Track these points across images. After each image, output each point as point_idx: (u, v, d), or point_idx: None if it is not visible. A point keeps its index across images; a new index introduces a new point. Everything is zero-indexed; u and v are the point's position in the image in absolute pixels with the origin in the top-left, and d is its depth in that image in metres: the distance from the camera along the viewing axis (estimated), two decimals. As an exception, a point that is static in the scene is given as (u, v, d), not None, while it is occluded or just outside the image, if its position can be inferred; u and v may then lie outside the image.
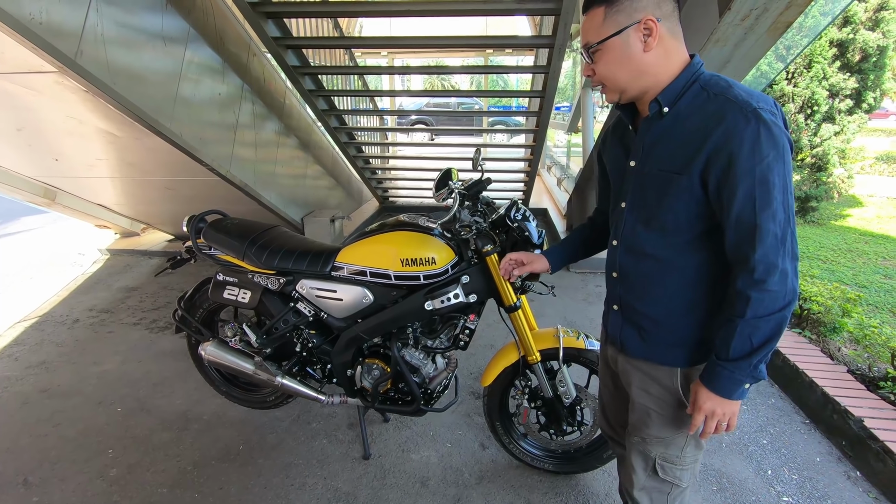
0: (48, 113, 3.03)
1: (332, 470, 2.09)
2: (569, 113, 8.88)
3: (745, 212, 0.96)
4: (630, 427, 1.31)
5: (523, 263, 1.51)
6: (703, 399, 1.07)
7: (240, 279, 2.05)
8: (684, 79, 1.04)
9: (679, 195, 1.04)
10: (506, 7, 3.46)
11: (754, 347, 1.00)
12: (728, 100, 0.98)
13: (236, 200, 4.02)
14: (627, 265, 1.20)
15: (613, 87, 1.09)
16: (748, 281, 0.98)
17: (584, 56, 1.10)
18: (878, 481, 2.01)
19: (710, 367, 1.07)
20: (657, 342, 1.19)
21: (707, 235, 1.07)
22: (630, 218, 1.17)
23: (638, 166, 1.13)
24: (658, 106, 1.06)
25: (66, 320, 3.54)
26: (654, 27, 0.99)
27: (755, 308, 0.98)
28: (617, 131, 1.24)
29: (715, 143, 0.97)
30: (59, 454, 2.19)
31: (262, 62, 3.98)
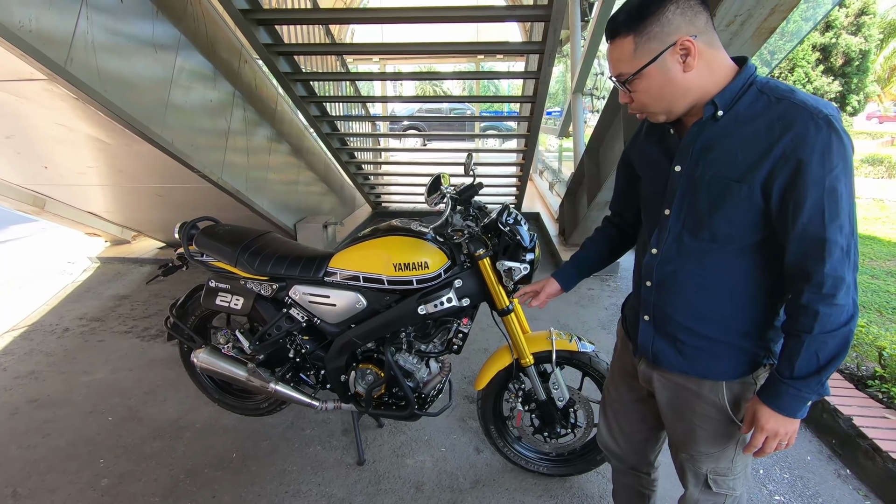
0: (37, 120, 3.01)
1: (326, 476, 2.09)
2: (560, 118, 8.94)
3: (812, 224, 0.91)
4: (674, 443, 1.26)
5: (536, 293, 1.50)
6: (765, 419, 1.01)
7: (232, 286, 2.04)
8: (741, 82, 0.98)
9: (737, 203, 0.98)
10: (496, 13, 3.51)
11: (822, 364, 0.95)
12: (796, 104, 0.92)
13: (228, 207, 4.01)
14: (667, 274, 1.12)
15: (657, 111, 1.03)
16: (815, 295, 0.93)
17: (618, 85, 1.04)
18: (868, 479, 2.04)
19: (772, 385, 1.01)
20: (696, 355, 1.12)
21: (759, 245, 1.02)
22: (675, 226, 1.09)
23: (686, 171, 1.05)
24: (714, 109, 0.99)
25: (56, 329, 3.50)
26: (692, 47, 0.93)
27: (823, 323, 0.93)
28: (653, 134, 1.16)
29: (783, 149, 0.91)
30: (48, 465, 2.16)
31: (253, 68, 3.99)
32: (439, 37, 4.05)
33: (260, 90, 4.11)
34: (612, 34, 1.00)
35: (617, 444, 1.46)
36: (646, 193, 1.20)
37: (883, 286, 4.33)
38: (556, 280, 1.50)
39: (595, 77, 8.69)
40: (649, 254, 1.15)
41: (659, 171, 1.12)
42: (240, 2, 3.10)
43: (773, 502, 1.96)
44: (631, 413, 1.39)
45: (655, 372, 1.21)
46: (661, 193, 1.11)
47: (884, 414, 2.25)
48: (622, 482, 1.56)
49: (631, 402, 1.37)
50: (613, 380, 1.43)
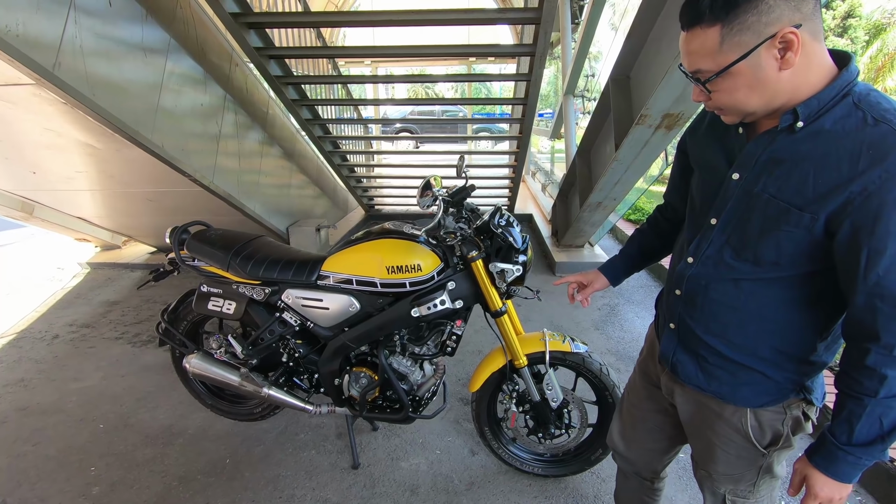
0: (25, 125, 2.98)
1: (320, 481, 2.08)
2: (552, 119, 8.99)
3: (889, 278, 0.79)
4: (694, 458, 1.21)
5: (584, 285, 1.43)
6: (819, 486, 0.92)
7: (224, 290, 2.03)
8: (834, 90, 0.82)
9: (791, 232, 0.86)
10: (487, 16, 3.52)
11: (885, 431, 0.85)
12: (895, 132, 0.76)
13: (220, 211, 3.99)
14: (698, 288, 1.03)
15: (737, 113, 0.89)
16: (885, 358, 0.82)
17: (693, 81, 0.88)
18: (861, 477, 2.06)
19: (825, 450, 0.91)
20: (718, 375, 1.05)
21: (809, 276, 0.91)
22: (719, 239, 0.98)
23: (743, 183, 0.92)
24: (793, 118, 0.84)
25: (46, 336, 3.46)
26: (795, 39, 0.76)
27: (890, 387, 0.82)
28: (717, 127, 1.01)
29: (864, 184, 0.77)
30: (38, 474, 2.13)
31: (244, 72, 3.98)
32: (431, 39, 4.06)
33: (251, 94, 4.10)
34: (691, 21, 0.82)
35: (627, 449, 1.41)
36: (695, 193, 1.07)
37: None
38: (603, 275, 1.42)
39: (586, 79, 8.75)
40: (684, 261, 1.06)
41: (714, 172, 0.99)
42: (230, 5, 3.09)
43: None
44: (647, 422, 1.33)
45: (677, 386, 1.15)
46: (712, 199, 0.99)
47: (873, 410, 2.28)
48: (625, 484, 1.54)
49: (649, 410, 1.31)
50: (634, 385, 1.36)
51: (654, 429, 1.33)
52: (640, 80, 3.10)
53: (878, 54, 15.70)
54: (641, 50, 3.05)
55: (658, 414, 1.30)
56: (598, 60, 10.69)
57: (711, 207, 0.99)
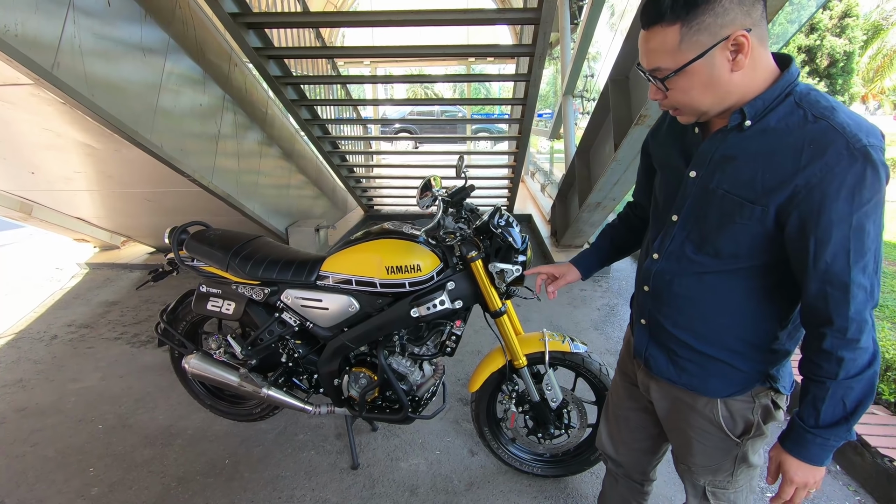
0: (24, 125, 2.98)
1: (320, 481, 2.07)
2: (551, 120, 8.99)
3: (835, 265, 0.83)
4: (674, 453, 1.25)
5: (556, 277, 1.44)
6: (793, 471, 0.95)
7: (223, 290, 2.03)
8: (777, 90, 0.87)
9: (745, 224, 0.91)
10: (486, 17, 3.52)
11: (849, 411, 0.89)
12: (833, 128, 0.81)
13: (219, 211, 3.98)
14: (664, 283, 1.08)
15: (692, 112, 0.93)
16: (839, 341, 0.87)
17: (651, 80, 0.92)
18: (857, 474, 2.07)
19: (796, 435, 0.94)
20: (688, 368, 1.09)
21: (765, 267, 0.96)
22: (680, 235, 1.03)
23: (700, 180, 0.97)
24: (741, 118, 0.90)
25: (44, 337, 3.46)
26: (746, 42, 0.82)
27: (848, 369, 0.87)
28: (675, 128, 1.07)
29: (807, 178, 0.82)
30: (37, 475, 2.13)
31: (243, 72, 3.97)
32: (430, 40, 4.06)
33: (250, 94, 4.09)
34: (652, 20, 0.86)
35: (616, 450, 1.43)
36: (658, 192, 1.12)
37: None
38: (575, 267, 1.44)
39: (585, 79, 8.76)
40: (650, 258, 1.10)
41: (674, 171, 1.05)
42: (229, 5, 3.09)
43: (764, 500, 1.98)
44: (630, 421, 1.36)
45: (653, 382, 1.19)
46: (672, 197, 1.04)
47: (872, 410, 2.28)
48: (613, 488, 1.53)
49: (631, 409, 1.34)
50: (616, 386, 1.40)
51: (637, 428, 1.36)
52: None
53: (876, 54, 15.75)
54: (640, 50, 3.05)
55: (640, 412, 1.33)
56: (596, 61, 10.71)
57: (672, 205, 1.04)
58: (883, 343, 2.73)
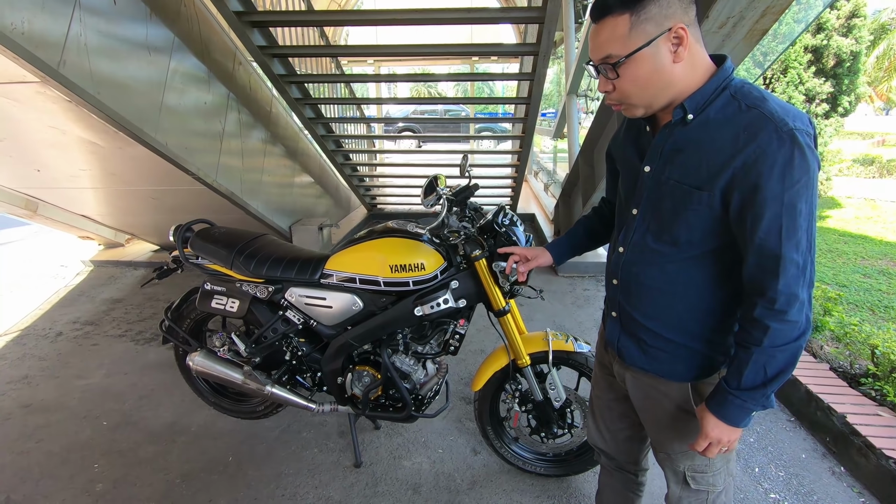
0: (29, 123, 2.99)
1: (323, 479, 2.08)
2: (554, 119, 8.98)
3: (769, 239, 0.91)
4: (652, 442, 1.29)
5: (528, 259, 1.47)
6: (710, 426, 1.03)
7: (228, 288, 2.04)
8: (714, 85, 0.95)
9: (697, 210, 0.98)
10: (491, 15, 3.52)
11: (768, 378, 0.96)
12: (763, 115, 0.89)
13: (223, 209, 4.00)
14: (630, 274, 1.14)
15: (638, 102, 0.99)
16: (768, 310, 0.93)
17: (600, 71, 0.98)
18: (862, 476, 2.06)
19: (718, 394, 1.02)
20: (657, 355, 1.14)
21: (719, 251, 1.01)
22: (641, 227, 1.10)
23: (654, 174, 1.05)
24: (683, 112, 0.97)
25: (49, 333, 3.48)
26: (685, 35, 0.90)
27: (773, 338, 0.94)
28: (631, 130, 1.16)
29: (743, 160, 0.90)
30: (42, 470, 2.14)
31: (247, 71, 3.98)
32: (434, 39, 4.06)
33: (254, 92, 4.10)
34: (603, 11, 0.94)
35: (604, 441, 1.47)
36: (620, 190, 1.20)
37: (875, 285, 4.37)
38: (549, 252, 1.47)
39: (589, 79, 8.73)
40: (616, 252, 1.17)
41: (632, 169, 1.12)
42: (234, 4, 3.10)
43: (769, 500, 1.97)
44: (613, 410, 1.40)
45: (628, 373, 1.23)
46: (632, 192, 1.12)
47: (877, 411, 2.27)
48: (608, 482, 1.55)
49: (611, 399, 1.38)
50: (596, 377, 1.44)
51: (619, 417, 1.39)
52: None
53: (884, 55, 15.65)
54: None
55: (619, 402, 1.37)
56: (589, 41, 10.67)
57: (632, 200, 1.12)
58: (889, 344, 2.71)
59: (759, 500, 1.97)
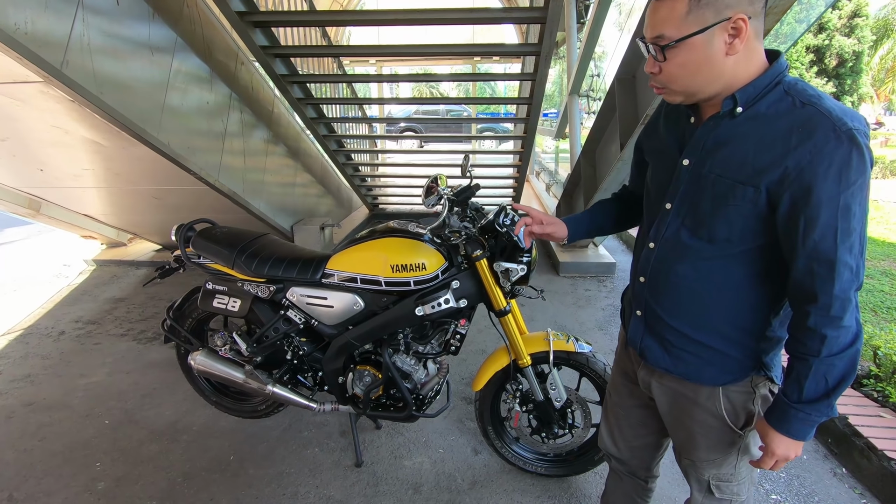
0: (33, 123, 3.00)
1: (324, 478, 2.08)
2: (556, 119, 8.97)
3: (824, 243, 0.86)
4: (676, 447, 1.26)
5: (541, 223, 1.35)
6: (775, 443, 0.99)
7: (229, 288, 2.04)
8: (768, 79, 0.91)
9: (740, 207, 0.94)
10: (493, 16, 3.52)
11: (830, 387, 0.92)
12: (820, 113, 0.85)
13: (225, 209, 4.00)
14: (660, 272, 1.09)
15: (680, 89, 0.95)
16: (823, 318, 0.89)
17: (650, 50, 0.93)
18: (864, 477, 2.05)
19: (779, 409, 0.98)
20: (683, 357, 1.10)
21: (757, 251, 0.98)
22: (675, 222, 1.05)
23: (693, 167, 1.00)
24: (733, 104, 0.93)
25: (52, 332, 3.49)
26: (744, 28, 0.85)
27: (830, 346, 0.90)
28: (670, 119, 1.10)
29: (797, 158, 0.86)
30: (45, 469, 2.15)
31: (250, 71, 3.99)
32: (436, 39, 4.07)
33: (256, 92, 4.11)
34: None
35: (617, 448, 1.44)
36: (650, 183, 1.15)
37: (877, 286, 4.35)
38: (565, 224, 1.37)
39: (591, 79, 8.73)
40: (646, 248, 1.12)
41: (667, 160, 1.07)
42: (236, 4, 3.11)
43: (771, 501, 1.97)
44: (631, 418, 1.37)
45: (654, 379, 1.19)
46: (665, 186, 1.07)
47: (879, 413, 2.27)
48: (617, 486, 1.54)
49: (632, 406, 1.35)
50: (615, 383, 1.40)
51: (638, 424, 1.36)
52: (645, 80, 3.08)
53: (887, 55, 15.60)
54: (647, 50, 3.04)
55: (640, 409, 1.34)
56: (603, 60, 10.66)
57: (665, 193, 1.07)
58: (891, 345, 2.71)
59: (761, 502, 1.97)
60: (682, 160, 1.02)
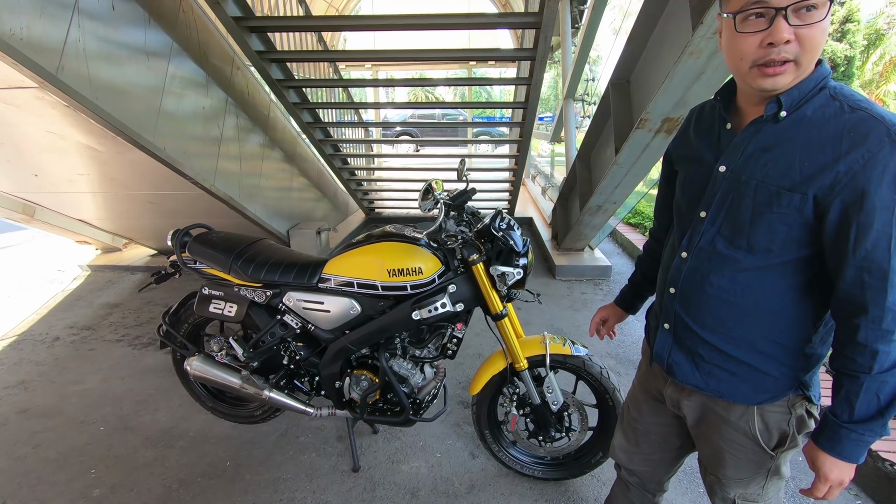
0: (28, 128, 2.99)
1: (321, 484, 2.08)
2: (552, 123, 9.01)
3: (876, 252, 0.83)
4: (703, 463, 1.22)
5: (605, 319, 1.51)
6: (828, 468, 0.93)
7: (226, 293, 2.04)
8: (813, 82, 0.88)
9: (783, 214, 0.89)
10: (488, 21, 3.54)
11: (883, 405, 0.87)
12: (873, 117, 0.83)
13: (221, 214, 4.00)
14: (694, 283, 1.04)
15: (808, 63, 0.86)
16: (874, 332, 0.85)
17: (789, 16, 0.81)
18: (858, 478, 2.06)
19: (829, 430, 0.92)
20: (714, 373, 1.05)
21: (800, 263, 0.93)
22: (710, 230, 1.00)
23: (732, 173, 0.96)
24: (777, 107, 0.89)
25: (46, 338, 3.47)
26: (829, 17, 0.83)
27: (882, 362, 0.85)
28: (702, 127, 1.06)
29: (850, 163, 0.82)
30: (39, 476, 2.13)
31: (246, 75, 3.99)
32: (431, 43, 4.08)
33: (252, 97, 4.11)
34: None
35: (631, 461, 1.42)
36: (681, 195, 1.11)
37: None
38: (619, 307, 1.49)
39: (586, 83, 8.77)
40: (678, 257, 1.07)
41: (701, 167, 1.03)
42: (232, 9, 3.11)
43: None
44: (652, 434, 1.33)
45: (683, 397, 1.15)
46: (699, 193, 1.03)
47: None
48: (623, 496, 1.53)
49: (654, 424, 1.32)
50: (636, 399, 1.36)
51: (657, 441, 1.33)
52: (640, 84, 3.11)
53: (879, 60, 15.79)
54: (641, 55, 3.07)
55: (662, 427, 1.31)
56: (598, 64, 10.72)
57: (700, 201, 1.03)
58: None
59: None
60: (718, 166, 0.98)
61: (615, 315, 1.49)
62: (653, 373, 1.27)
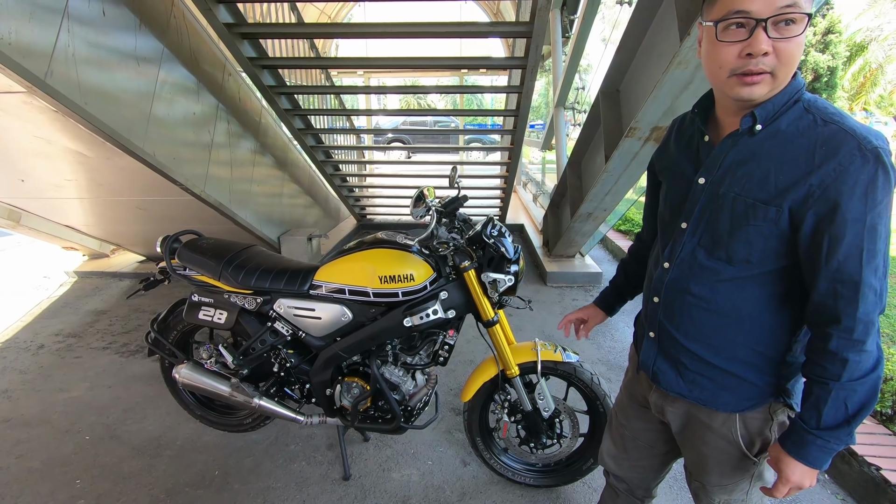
0: (15, 133, 2.96)
1: (311, 492, 2.06)
2: (543, 131, 9.09)
3: (848, 263, 0.85)
4: (688, 469, 1.23)
5: (584, 320, 1.51)
6: (790, 470, 0.95)
7: (216, 300, 2.02)
8: (786, 96, 0.89)
9: (759, 226, 0.91)
10: (479, 30, 3.57)
11: (851, 414, 0.89)
12: (844, 131, 0.84)
13: (211, 220, 3.97)
14: (675, 293, 1.06)
15: (784, 77, 0.88)
16: (845, 342, 0.87)
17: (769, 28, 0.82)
18: (845, 483, 2.09)
19: (795, 435, 0.94)
20: (698, 381, 1.07)
21: (778, 273, 0.95)
22: (690, 242, 1.03)
23: (710, 185, 0.98)
24: (752, 121, 0.91)
25: (31, 346, 3.41)
26: None
27: (852, 371, 0.87)
28: (682, 138, 1.09)
29: (822, 177, 0.84)
30: (21, 487, 2.09)
31: (237, 81, 3.99)
32: (423, 51, 4.10)
33: (244, 103, 4.11)
34: None
35: (619, 467, 1.43)
36: (664, 205, 1.13)
37: None
38: (599, 307, 1.50)
39: (576, 91, 8.87)
40: (661, 268, 1.10)
41: (681, 179, 1.05)
42: (224, 16, 3.11)
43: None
44: (638, 440, 1.35)
45: (667, 403, 1.17)
46: (680, 205, 1.05)
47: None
48: (613, 501, 1.53)
49: (640, 430, 1.33)
50: (623, 405, 1.37)
51: (644, 447, 1.35)
52: (629, 93, 3.15)
53: (859, 72, 16.16)
54: (631, 64, 3.11)
55: (649, 433, 1.32)
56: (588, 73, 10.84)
57: (681, 213, 1.05)
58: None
59: None
60: (697, 178, 1.00)
61: (596, 316, 1.50)
62: (639, 380, 1.28)
